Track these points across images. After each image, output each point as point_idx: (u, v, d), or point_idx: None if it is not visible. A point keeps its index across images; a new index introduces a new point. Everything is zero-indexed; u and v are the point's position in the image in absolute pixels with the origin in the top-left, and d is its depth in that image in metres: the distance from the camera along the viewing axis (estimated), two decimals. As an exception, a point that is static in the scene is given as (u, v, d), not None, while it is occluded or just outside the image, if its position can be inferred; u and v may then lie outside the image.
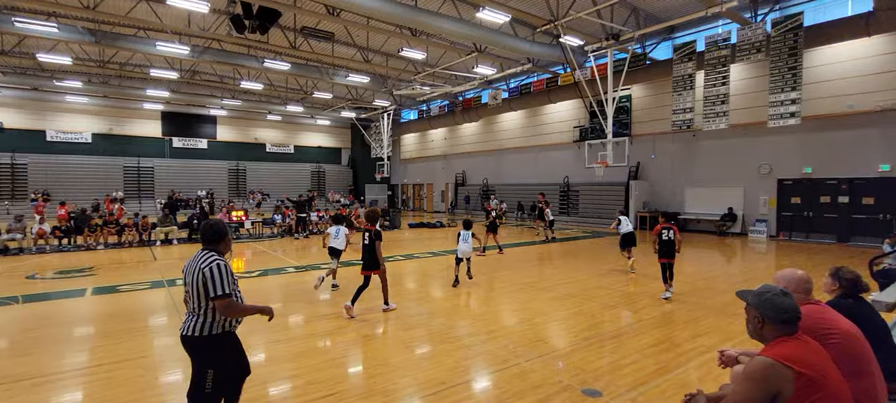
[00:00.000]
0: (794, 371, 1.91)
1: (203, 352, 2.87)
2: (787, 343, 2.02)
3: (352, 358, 4.82)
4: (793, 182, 15.43)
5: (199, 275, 2.80)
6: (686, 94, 15.41)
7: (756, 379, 1.96)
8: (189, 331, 2.85)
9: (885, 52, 13.31)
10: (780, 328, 2.07)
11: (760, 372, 1.96)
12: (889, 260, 7.89)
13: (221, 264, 2.84)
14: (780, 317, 2.05)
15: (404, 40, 17.33)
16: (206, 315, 2.84)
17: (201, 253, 2.91)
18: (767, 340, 2.12)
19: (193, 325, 2.84)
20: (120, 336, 5.44)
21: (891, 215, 13.39)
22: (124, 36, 17.08)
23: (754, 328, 2.17)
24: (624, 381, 4.11)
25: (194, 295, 2.83)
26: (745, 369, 2.07)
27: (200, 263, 2.83)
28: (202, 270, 2.79)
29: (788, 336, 2.05)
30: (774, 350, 2.01)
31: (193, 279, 2.82)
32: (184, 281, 2.93)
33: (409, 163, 35.74)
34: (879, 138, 13.57)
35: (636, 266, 9.68)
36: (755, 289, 2.20)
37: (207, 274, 2.78)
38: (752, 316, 2.17)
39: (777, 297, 2.09)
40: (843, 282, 3.20)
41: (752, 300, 2.16)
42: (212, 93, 27.25)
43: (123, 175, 27.93)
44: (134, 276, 9.25)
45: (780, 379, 1.92)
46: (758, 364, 2.00)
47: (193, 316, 2.87)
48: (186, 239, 15.08)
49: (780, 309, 2.06)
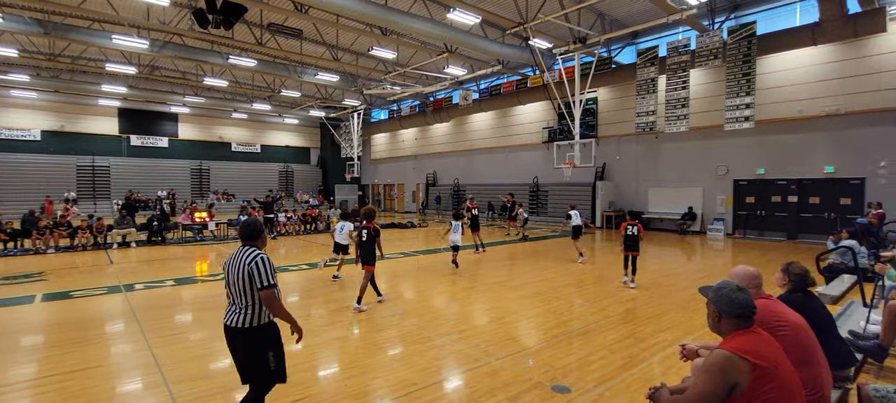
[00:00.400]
0: (750, 362, 2.01)
1: (257, 340, 3.02)
2: (743, 337, 2.12)
3: (322, 361, 4.74)
4: (747, 182, 16.25)
5: (245, 270, 2.95)
6: (649, 98, 15.95)
7: (715, 371, 2.05)
8: (238, 323, 2.99)
9: (829, 60, 14.20)
10: (736, 322, 2.17)
11: (719, 365, 2.05)
12: (833, 256, 8.42)
13: (264, 258, 3.01)
14: (734, 312, 2.16)
15: (375, 39, 17.19)
16: (254, 306, 3.00)
17: (243, 250, 3.05)
18: (725, 333, 2.22)
19: (242, 318, 2.99)
20: (73, 345, 5.16)
21: (835, 213, 14.30)
22: (77, 28, 16.19)
23: (713, 322, 2.28)
24: (591, 377, 4.23)
25: (240, 290, 2.98)
26: (705, 362, 2.16)
27: (244, 259, 2.98)
28: (248, 265, 2.95)
29: (744, 330, 2.15)
30: (731, 343, 2.11)
31: (238, 274, 2.97)
32: (225, 278, 3.09)
33: (380, 163, 35.47)
34: (825, 141, 14.47)
35: (585, 254, 10.85)
36: (714, 285, 2.30)
37: (253, 269, 2.94)
38: (711, 310, 2.27)
39: (733, 293, 2.19)
40: (792, 277, 3.39)
41: (711, 295, 2.27)
42: (173, 89, 26.21)
43: (77, 174, 26.47)
44: (88, 281, 8.79)
45: (737, 371, 2.01)
46: (716, 356, 2.09)
47: (240, 309, 3.01)
48: (145, 242, 14.45)
49: (736, 304, 2.16)
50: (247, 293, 2.96)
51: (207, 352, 4.94)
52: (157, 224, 14.87)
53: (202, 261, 11.39)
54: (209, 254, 12.45)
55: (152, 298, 7.47)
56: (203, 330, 5.75)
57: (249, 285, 2.95)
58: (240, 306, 3.00)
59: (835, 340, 3.36)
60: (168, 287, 8.29)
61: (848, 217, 13.34)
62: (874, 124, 13.53)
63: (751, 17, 15.12)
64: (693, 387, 2.15)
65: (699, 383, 2.11)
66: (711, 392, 2.04)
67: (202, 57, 18.99)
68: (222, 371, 4.44)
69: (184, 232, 15.45)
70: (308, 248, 13.61)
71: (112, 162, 27.74)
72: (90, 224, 13.71)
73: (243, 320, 2.98)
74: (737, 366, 2.02)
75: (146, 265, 10.79)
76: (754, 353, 2.03)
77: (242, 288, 2.96)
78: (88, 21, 16.39)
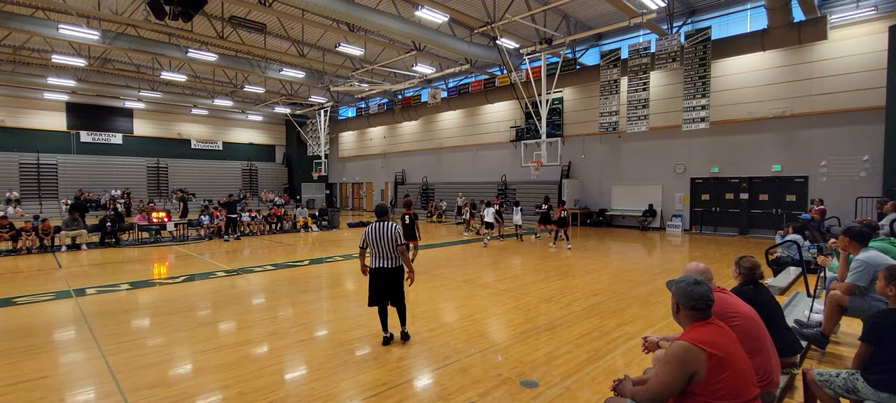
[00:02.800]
0: (707, 352, 2.12)
1: (400, 275, 5.03)
2: (701, 328, 2.23)
3: (289, 364, 4.64)
4: (703, 180, 17.03)
5: (392, 233, 4.90)
6: (612, 98, 16.44)
7: (674, 362, 2.16)
8: (393, 264, 4.97)
9: (776, 65, 15.06)
10: (693, 313, 2.28)
11: (678, 355, 2.16)
12: (780, 250, 8.94)
13: (399, 227, 5.02)
14: (691, 304, 2.28)
15: (342, 35, 16.91)
16: (396, 256, 4.96)
17: (384, 223, 4.95)
18: (683, 324, 2.34)
19: (393, 263, 4.97)
20: (17, 355, 4.84)
21: (782, 210, 15.20)
22: (18, 16, 15.10)
23: (673, 313, 2.41)
24: (558, 371, 4.33)
25: (388, 246, 4.91)
26: (666, 353, 2.27)
27: (390, 228, 4.92)
28: (393, 231, 4.92)
29: (702, 321, 2.27)
30: (690, 334, 2.22)
31: (388, 236, 4.89)
32: (369, 240, 4.93)
33: (348, 161, 34.98)
34: (773, 142, 15.34)
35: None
36: (677, 279, 2.42)
37: (396, 233, 4.93)
38: (672, 302, 2.40)
39: (690, 286, 2.30)
40: (743, 271, 3.59)
41: (672, 289, 2.40)
42: (127, 83, 24.92)
43: (20, 173, 24.72)
44: (33, 287, 8.25)
45: (695, 361, 2.12)
46: (675, 348, 2.20)
47: (389, 258, 4.95)
48: (98, 244, 13.69)
49: (692, 296, 2.28)
50: (392, 248, 4.90)
51: (166, 358, 4.75)
52: (111, 225, 14.12)
53: (160, 264, 10.90)
54: (168, 256, 11.93)
55: (106, 303, 7.10)
56: (161, 336, 5.51)
57: (392, 243, 4.89)
58: (390, 256, 4.92)
59: (782, 329, 3.57)
60: (123, 291, 7.90)
61: (793, 213, 14.21)
62: (816, 126, 14.46)
63: (706, 23, 15.84)
64: (654, 377, 2.25)
65: (661, 373, 2.21)
66: (672, 381, 2.15)
67: (159, 50, 18.12)
68: (181, 378, 4.28)
69: (140, 233, 14.74)
70: (273, 249, 13.27)
71: (60, 159, 26.08)
72: (35, 225, 12.88)
73: (394, 263, 4.94)
74: (695, 356, 2.12)
75: (99, 268, 10.23)
76: (710, 344, 2.14)
77: (390, 244, 4.89)
78: (32, 8, 15.34)
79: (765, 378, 2.91)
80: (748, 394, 2.18)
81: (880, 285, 3.12)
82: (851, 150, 13.83)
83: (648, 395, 2.22)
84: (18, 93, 24.70)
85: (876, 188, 12.94)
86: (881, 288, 3.11)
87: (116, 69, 22.32)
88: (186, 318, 6.25)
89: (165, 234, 15.16)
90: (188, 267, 10.26)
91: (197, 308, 6.89)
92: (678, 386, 2.15)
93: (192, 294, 7.82)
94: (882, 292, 3.12)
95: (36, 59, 19.92)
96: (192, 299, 7.43)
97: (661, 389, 2.17)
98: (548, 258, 11.23)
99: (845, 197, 13.53)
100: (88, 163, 27.00)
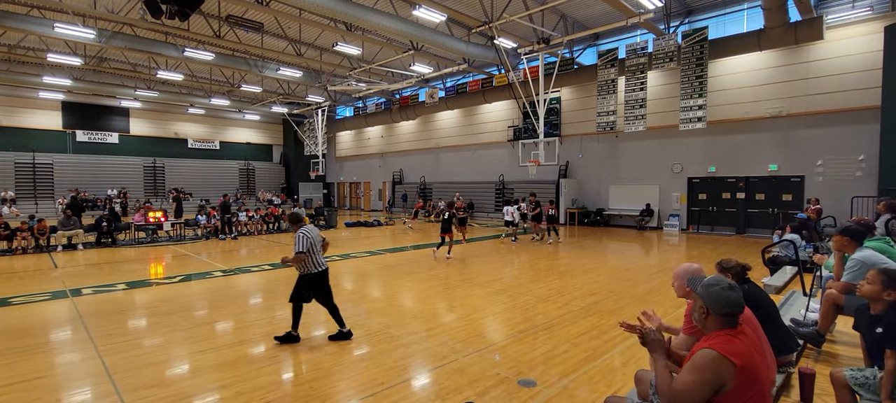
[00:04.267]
0: (737, 366, 2.00)
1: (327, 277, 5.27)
2: (732, 338, 2.08)
3: (286, 364, 4.64)
4: (700, 180, 17.08)
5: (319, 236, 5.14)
6: (609, 98, 16.47)
7: (705, 372, 2.02)
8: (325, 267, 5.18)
9: (773, 65, 15.12)
10: (724, 320, 2.12)
11: (710, 367, 2.01)
12: (776, 249, 8.97)
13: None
14: (724, 310, 2.11)
15: (339, 35, 16.88)
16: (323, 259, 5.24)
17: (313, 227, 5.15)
18: (709, 329, 2.17)
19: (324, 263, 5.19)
20: (12, 356, 4.82)
21: (778, 209, 15.26)
22: (13, 14, 15.00)
23: (700, 317, 2.21)
24: (556, 370, 4.34)
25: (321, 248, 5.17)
26: (693, 360, 2.11)
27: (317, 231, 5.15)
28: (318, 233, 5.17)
29: (731, 329, 2.11)
30: (719, 342, 2.07)
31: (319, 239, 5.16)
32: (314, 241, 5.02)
33: (346, 161, 34.93)
34: (769, 141, 15.40)
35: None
36: (705, 280, 2.24)
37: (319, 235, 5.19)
38: (699, 306, 2.20)
39: (724, 291, 2.12)
40: (733, 272, 3.58)
41: (700, 291, 2.19)
42: (123, 82, 24.76)
43: (15, 172, 24.59)
44: (29, 287, 8.22)
45: (726, 373, 1.99)
46: (706, 357, 2.05)
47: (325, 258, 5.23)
48: (94, 244, 13.64)
49: (726, 302, 2.10)
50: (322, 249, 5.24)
51: (163, 358, 4.73)
52: (107, 224, 14.06)
53: (157, 263, 10.87)
54: (164, 256, 11.90)
55: (102, 303, 7.07)
56: (158, 336, 5.49)
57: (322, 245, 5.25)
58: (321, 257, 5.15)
59: (779, 328, 3.58)
60: (119, 291, 7.87)
61: (789, 212, 14.28)
62: (813, 126, 14.52)
63: (703, 23, 15.89)
64: (682, 384, 2.09)
65: (688, 381, 2.06)
66: (699, 391, 2.02)
67: (155, 49, 18.04)
68: (178, 378, 4.27)
69: (137, 232, 14.69)
70: (270, 248, 13.25)
71: (55, 159, 25.95)
72: (31, 225, 12.81)
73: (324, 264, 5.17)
74: (726, 368, 2.00)
75: (95, 268, 10.19)
76: (741, 356, 2.03)
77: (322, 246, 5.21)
78: (27, 7, 15.25)
79: (761, 376, 2.92)
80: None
81: (874, 289, 2.99)
82: (847, 150, 13.89)
83: (673, 394, 2.08)
84: (14, 92, 24.55)
85: (871, 187, 13.01)
86: (875, 292, 2.98)
87: (113, 68, 22.21)
88: (183, 318, 6.23)
89: (162, 234, 15.10)
90: (185, 267, 10.23)
91: (194, 308, 6.87)
92: (704, 396, 2.02)
93: (189, 293, 7.80)
94: (874, 295, 3.00)
95: (31, 58, 19.81)
96: (189, 299, 7.41)
97: (686, 395, 2.04)
98: (546, 257, 11.24)
99: (841, 196, 13.59)
100: (84, 163, 26.86)
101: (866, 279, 3.09)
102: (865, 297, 3.11)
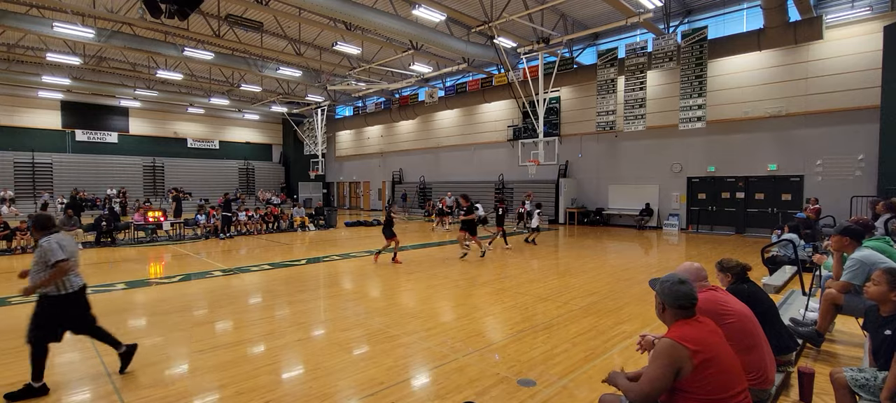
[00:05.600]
0: (690, 349, 2.20)
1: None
2: (685, 326, 2.31)
3: (286, 364, 4.64)
4: (700, 180, 17.09)
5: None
6: (609, 98, 16.47)
7: (661, 358, 2.24)
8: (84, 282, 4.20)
9: (773, 64, 15.12)
10: (678, 312, 2.35)
11: (665, 352, 2.24)
12: (776, 249, 8.97)
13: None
14: (676, 303, 2.34)
15: (339, 34, 16.87)
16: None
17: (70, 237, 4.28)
18: (669, 322, 2.40)
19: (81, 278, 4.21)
20: (11, 356, 4.83)
21: (777, 209, 15.27)
22: (12, 14, 14.98)
23: (658, 312, 2.47)
24: (555, 370, 4.34)
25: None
26: (654, 350, 2.35)
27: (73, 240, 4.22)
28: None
29: (687, 319, 2.33)
30: (675, 332, 2.30)
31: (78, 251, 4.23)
32: (72, 254, 4.04)
33: (345, 160, 34.92)
34: (769, 141, 15.41)
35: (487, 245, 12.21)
36: (661, 278, 2.48)
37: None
38: (657, 302, 2.46)
39: (675, 286, 2.37)
40: (733, 271, 3.58)
41: (657, 288, 2.46)
42: (122, 82, 24.75)
43: (14, 171, 24.57)
44: (28, 286, 8.19)
45: (680, 357, 2.20)
46: (662, 345, 2.28)
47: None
48: (93, 243, 13.63)
49: (677, 295, 2.34)
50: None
51: (162, 358, 4.73)
52: (107, 224, 14.05)
53: (156, 263, 10.86)
54: (164, 256, 11.89)
55: (102, 303, 7.05)
56: (157, 335, 5.49)
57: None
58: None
59: (778, 326, 3.59)
60: (119, 290, 7.87)
61: (789, 212, 14.28)
62: (812, 126, 14.53)
63: (703, 22, 15.89)
64: (645, 373, 2.33)
65: (650, 369, 2.29)
66: (660, 376, 2.23)
67: (155, 48, 18.03)
68: (178, 378, 4.27)
69: (136, 232, 14.68)
70: (270, 248, 13.24)
71: (55, 158, 25.94)
72: (30, 225, 12.79)
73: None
74: (679, 353, 2.20)
75: (94, 267, 10.18)
76: (694, 341, 2.22)
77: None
78: (26, 6, 15.23)
79: (760, 375, 2.93)
80: (735, 388, 2.24)
81: (881, 290, 2.95)
82: (846, 150, 13.90)
83: (639, 391, 2.29)
84: (13, 92, 24.53)
85: (871, 187, 13.01)
86: (882, 293, 2.94)
87: (112, 67, 22.18)
88: (183, 318, 6.23)
89: (161, 233, 15.10)
90: (184, 267, 10.22)
91: (193, 307, 6.87)
92: (667, 382, 2.22)
93: (189, 293, 7.79)
94: (882, 297, 2.96)
95: (30, 58, 19.79)
96: (189, 298, 7.40)
97: (650, 385, 2.24)
98: (545, 257, 11.24)
99: (840, 196, 13.61)
100: (83, 162, 26.84)
101: (872, 280, 3.06)
102: (872, 299, 3.07)
